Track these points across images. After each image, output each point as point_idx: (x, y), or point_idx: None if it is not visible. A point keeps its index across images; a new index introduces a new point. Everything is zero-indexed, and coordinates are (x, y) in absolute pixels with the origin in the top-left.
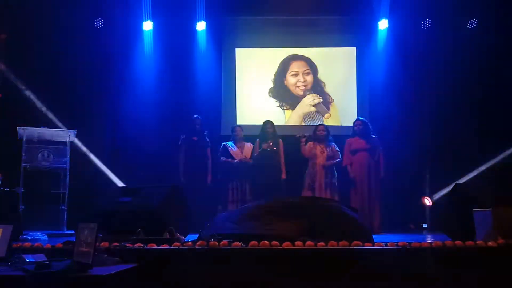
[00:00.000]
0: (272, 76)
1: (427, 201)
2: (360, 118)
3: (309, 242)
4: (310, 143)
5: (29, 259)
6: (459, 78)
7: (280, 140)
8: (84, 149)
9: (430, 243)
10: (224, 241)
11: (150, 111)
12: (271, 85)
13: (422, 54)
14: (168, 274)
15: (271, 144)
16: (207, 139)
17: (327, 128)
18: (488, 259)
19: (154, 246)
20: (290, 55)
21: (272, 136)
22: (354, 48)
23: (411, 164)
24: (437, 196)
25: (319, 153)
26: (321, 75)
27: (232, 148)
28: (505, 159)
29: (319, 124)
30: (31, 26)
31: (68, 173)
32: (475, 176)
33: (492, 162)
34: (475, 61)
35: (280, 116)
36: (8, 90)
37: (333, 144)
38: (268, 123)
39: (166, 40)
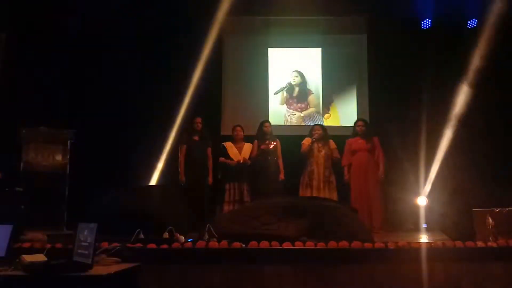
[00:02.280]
0: (272, 76)
1: (422, 201)
2: (361, 118)
3: (309, 242)
4: (308, 141)
5: (29, 259)
6: (458, 78)
7: (278, 140)
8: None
9: (430, 243)
10: (224, 241)
11: (151, 111)
12: (271, 85)
13: (421, 53)
14: (168, 274)
15: (267, 143)
16: (208, 139)
17: (323, 127)
18: (488, 259)
19: (154, 246)
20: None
21: (269, 135)
22: (354, 48)
23: (410, 163)
24: (433, 195)
25: (317, 152)
26: (321, 75)
27: (231, 149)
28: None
29: (315, 124)
30: (31, 26)
31: (68, 173)
32: (473, 176)
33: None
34: (475, 61)
35: (280, 116)
36: (8, 90)
37: (331, 141)
38: (265, 122)
39: (166, 40)
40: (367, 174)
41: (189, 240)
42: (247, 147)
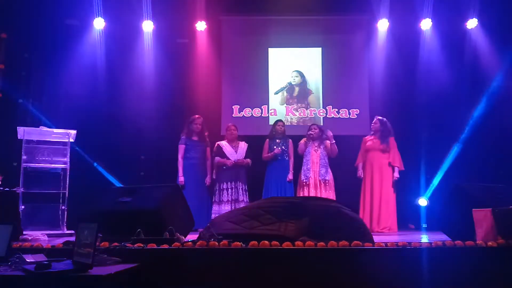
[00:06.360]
0: (272, 76)
1: (423, 202)
2: (379, 117)
3: (309, 242)
4: (304, 140)
5: (29, 259)
6: (458, 78)
7: (290, 140)
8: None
9: (430, 243)
10: (224, 241)
11: (150, 111)
12: (271, 85)
13: (421, 54)
14: (168, 274)
15: (279, 148)
16: (207, 139)
17: (320, 127)
18: (488, 259)
19: (154, 246)
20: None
21: (281, 135)
22: (353, 48)
23: (410, 163)
24: (434, 195)
25: (313, 151)
26: (321, 75)
27: (227, 148)
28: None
29: (312, 124)
30: (31, 26)
31: (68, 173)
32: (473, 176)
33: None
34: (474, 61)
35: (280, 116)
36: (8, 90)
37: (327, 141)
38: (278, 121)
39: (166, 40)
40: (380, 175)
41: (189, 240)
42: (243, 146)
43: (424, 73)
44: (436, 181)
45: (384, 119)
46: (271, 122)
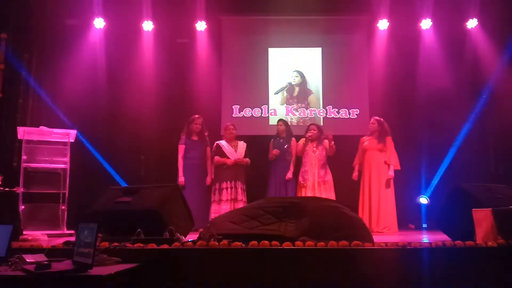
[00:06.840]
0: (272, 76)
1: (424, 200)
2: (376, 117)
3: (309, 242)
4: (302, 141)
5: (29, 259)
6: (458, 78)
7: (293, 138)
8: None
9: (430, 243)
10: (224, 241)
11: (150, 111)
12: (271, 85)
13: (421, 53)
14: (168, 274)
15: (277, 150)
16: (207, 139)
17: (319, 127)
18: (488, 259)
19: (154, 246)
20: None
21: (283, 134)
22: (353, 48)
23: (409, 163)
24: (434, 195)
25: (311, 151)
26: (321, 75)
27: (226, 147)
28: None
29: (311, 124)
30: (31, 26)
31: (68, 173)
32: (473, 175)
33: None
34: (474, 61)
35: (280, 116)
36: (8, 90)
37: (325, 141)
38: (279, 121)
39: (166, 40)
40: (378, 174)
41: (189, 240)
42: (242, 146)
43: (424, 73)
44: (436, 180)
45: (382, 119)
46: (271, 122)
